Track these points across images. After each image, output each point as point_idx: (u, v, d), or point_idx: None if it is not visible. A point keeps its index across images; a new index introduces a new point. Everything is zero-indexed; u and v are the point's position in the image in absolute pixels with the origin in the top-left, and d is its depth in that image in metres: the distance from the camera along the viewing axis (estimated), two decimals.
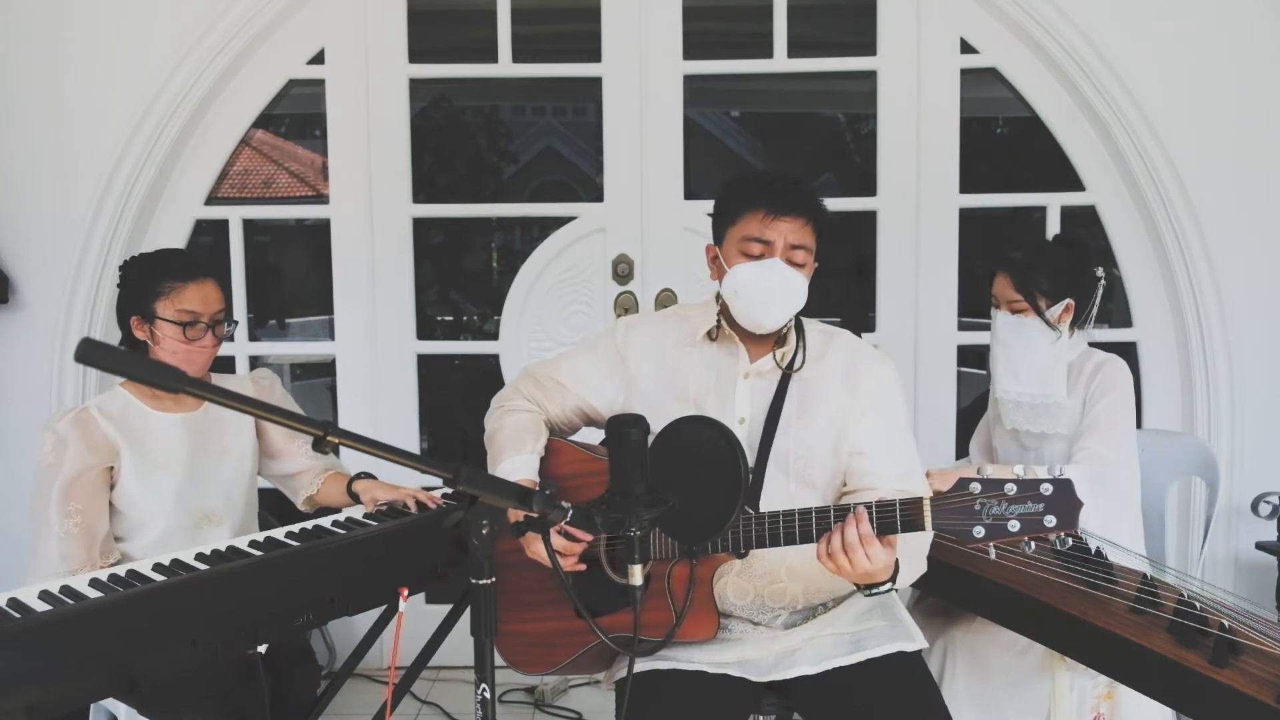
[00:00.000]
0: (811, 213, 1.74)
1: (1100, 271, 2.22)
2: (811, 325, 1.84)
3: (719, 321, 1.80)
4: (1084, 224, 3.13)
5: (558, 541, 1.66)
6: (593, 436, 1.92)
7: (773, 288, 1.71)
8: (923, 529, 1.49)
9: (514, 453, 1.77)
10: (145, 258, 2.05)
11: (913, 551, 1.67)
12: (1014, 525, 1.43)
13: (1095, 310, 2.22)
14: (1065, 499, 1.42)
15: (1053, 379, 2.16)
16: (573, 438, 1.92)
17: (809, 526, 1.57)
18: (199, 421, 2.04)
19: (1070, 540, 1.45)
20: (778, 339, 1.79)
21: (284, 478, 2.22)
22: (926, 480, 1.81)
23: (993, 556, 1.48)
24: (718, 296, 1.82)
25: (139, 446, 1.96)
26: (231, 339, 2.08)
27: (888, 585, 1.58)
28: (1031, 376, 2.16)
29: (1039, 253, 2.21)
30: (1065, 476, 1.43)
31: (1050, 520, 1.41)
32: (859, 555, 1.49)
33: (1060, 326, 2.16)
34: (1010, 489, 1.43)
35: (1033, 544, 1.46)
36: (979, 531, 1.44)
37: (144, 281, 1.98)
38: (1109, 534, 1.97)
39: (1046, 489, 1.42)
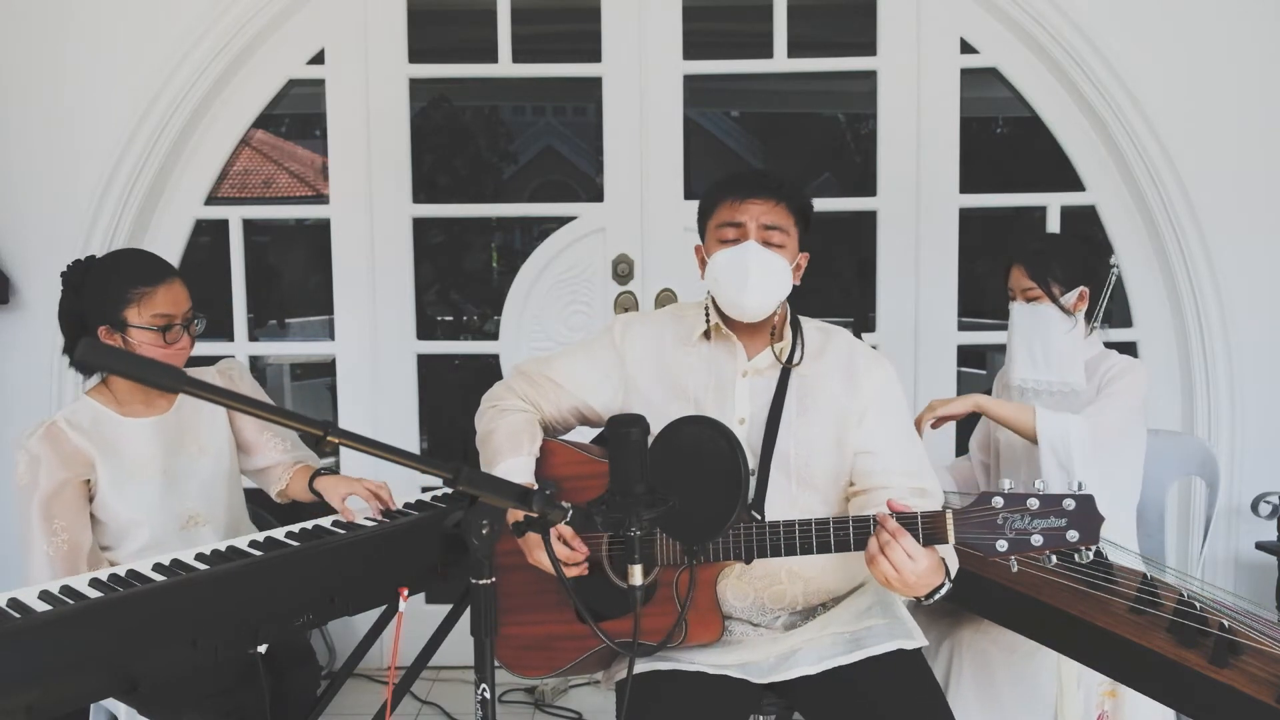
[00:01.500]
0: (782, 195, 1.75)
1: (1113, 261, 2.26)
2: (809, 323, 1.84)
3: (707, 317, 1.80)
4: (1084, 224, 3.13)
5: (561, 551, 1.65)
6: (584, 436, 1.92)
7: (748, 267, 1.71)
8: (945, 542, 1.49)
9: (511, 455, 1.76)
10: (98, 264, 1.99)
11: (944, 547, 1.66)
12: (1037, 539, 1.44)
13: (1104, 302, 2.24)
14: (1087, 514, 1.43)
15: (1071, 366, 2.17)
16: (566, 437, 1.91)
17: (826, 537, 1.56)
18: (171, 423, 2.02)
19: (1091, 554, 1.45)
20: (774, 334, 1.79)
21: (256, 472, 2.19)
22: (934, 474, 1.81)
23: (1015, 570, 1.49)
24: (709, 292, 1.83)
25: (113, 455, 1.94)
26: (201, 333, 2.03)
27: (946, 586, 1.55)
28: (1050, 363, 2.18)
29: (1052, 241, 2.28)
30: (1087, 492, 1.44)
31: (1073, 535, 1.43)
32: (898, 554, 1.47)
33: (1076, 314, 2.18)
34: (1033, 504, 1.44)
35: (1054, 558, 1.46)
36: (1002, 545, 1.45)
37: (108, 290, 1.92)
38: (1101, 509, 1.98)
39: (1069, 504, 1.43)
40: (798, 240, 1.78)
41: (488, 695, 1.29)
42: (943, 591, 1.54)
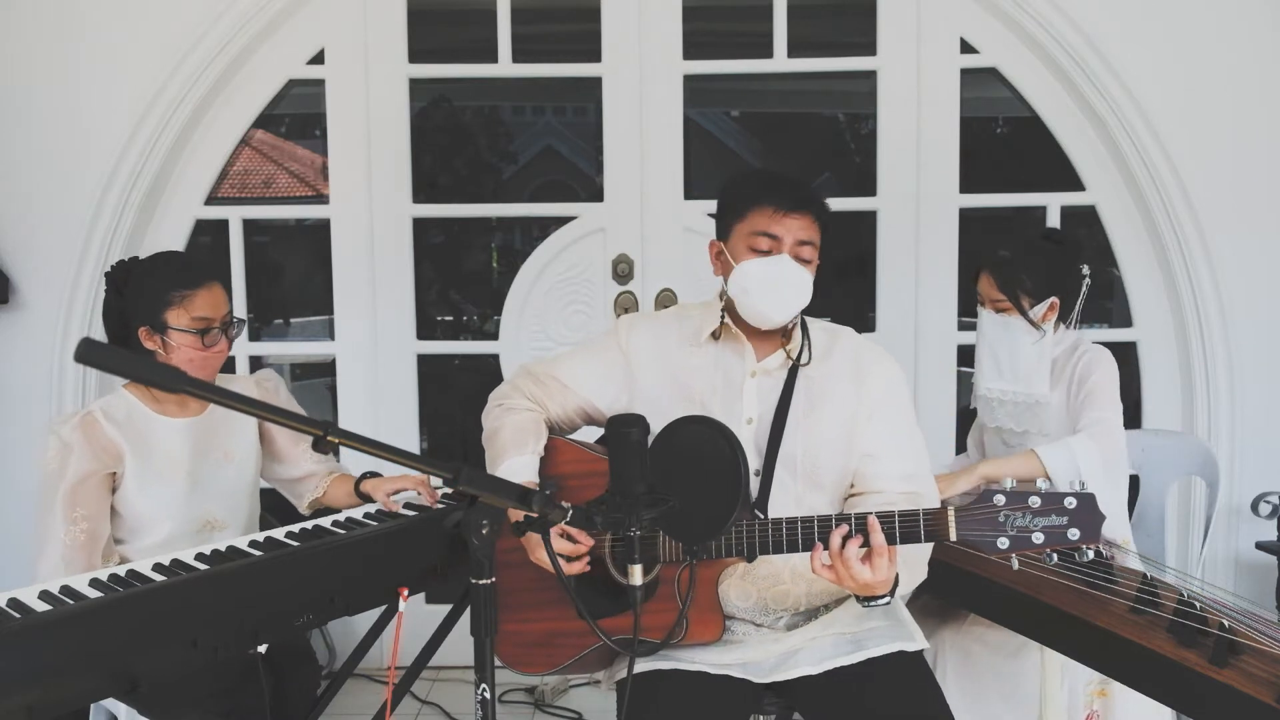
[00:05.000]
0: (818, 211, 1.75)
1: (1085, 269, 2.21)
2: (814, 323, 1.84)
3: (723, 319, 1.79)
4: (1084, 224, 3.14)
5: (562, 545, 1.65)
6: (590, 435, 1.92)
7: (782, 283, 1.71)
8: (948, 539, 1.49)
9: (515, 453, 1.76)
10: (141, 265, 2.00)
11: (914, 560, 1.66)
12: (1038, 537, 1.44)
13: (1078, 309, 2.22)
14: (1089, 512, 1.43)
15: (1036, 377, 2.15)
16: (572, 436, 1.91)
17: (827, 534, 1.56)
18: (202, 426, 2.02)
19: (1091, 553, 1.46)
20: (784, 335, 1.79)
21: (288, 482, 2.20)
22: (935, 481, 1.81)
23: (1016, 567, 1.50)
24: (721, 294, 1.82)
25: (143, 452, 1.95)
26: (239, 336, 2.06)
27: (885, 599, 1.57)
28: (1015, 375, 2.16)
29: (1025, 251, 2.20)
30: (1089, 491, 1.44)
31: (1074, 533, 1.43)
32: (856, 567, 1.49)
33: (1045, 326, 2.15)
34: (1035, 501, 1.45)
35: (1055, 555, 1.47)
36: (1003, 543, 1.46)
37: (150, 291, 1.93)
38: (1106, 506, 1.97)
39: (1070, 502, 1.43)
40: (819, 253, 1.78)
41: (488, 695, 1.29)
42: (881, 601, 1.56)
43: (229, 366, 3.20)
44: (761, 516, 1.65)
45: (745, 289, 1.73)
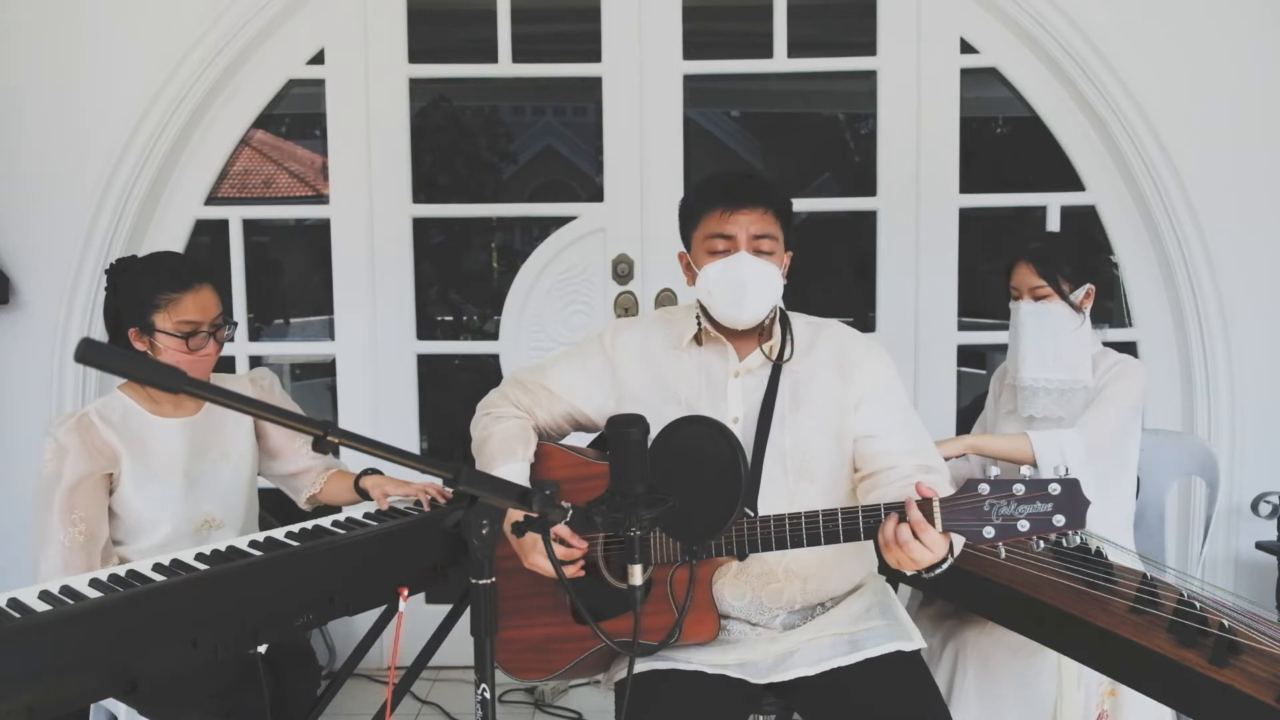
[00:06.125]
0: (768, 201, 1.74)
1: (1115, 258, 2.28)
2: (798, 318, 1.84)
3: (699, 324, 1.80)
4: (1084, 224, 3.13)
5: (559, 550, 1.65)
6: (580, 440, 1.92)
7: (744, 281, 1.71)
8: (933, 528, 1.49)
9: (504, 461, 1.77)
10: (135, 265, 2.00)
11: None
12: (1023, 525, 1.44)
13: (1125, 302, 2.27)
14: (1073, 498, 1.43)
15: (1080, 364, 2.18)
16: (561, 442, 1.91)
17: (815, 529, 1.56)
18: (199, 426, 2.03)
19: (1079, 538, 1.46)
20: (764, 333, 1.79)
21: (285, 477, 2.21)
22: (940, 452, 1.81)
23: (1003, 556, 1.49)
24: (698, 300, 1.83)
25: (139, 453, 1.95)
26: (232, 340, 2.06)
27: (947, 562, 1.54)
28: (1060, 362, 2.18)
29: (1058, 239, 2.29)
30: (1072, 477, 1.44)
31: (1059, 519, 1.43)
32: (916, 548, 1.47)
33: (1083, 312, 2.19)
34: (1019, 489, 1.44)
35: (1042, 543, 1.47)
36: (989, 532, 1.45)
37: (138, 293, 1.93)
38: (1096, 509, 1.98)
39: (1055, 489, 1.43)
40: (783, 242, 1.78)
41: (488, 695, 1.29)
42: (943, 568, 1.53)
43: (228, 366, 3.20)
44: (750, 514, 1.65)
45: (710, 292, 1.74)
